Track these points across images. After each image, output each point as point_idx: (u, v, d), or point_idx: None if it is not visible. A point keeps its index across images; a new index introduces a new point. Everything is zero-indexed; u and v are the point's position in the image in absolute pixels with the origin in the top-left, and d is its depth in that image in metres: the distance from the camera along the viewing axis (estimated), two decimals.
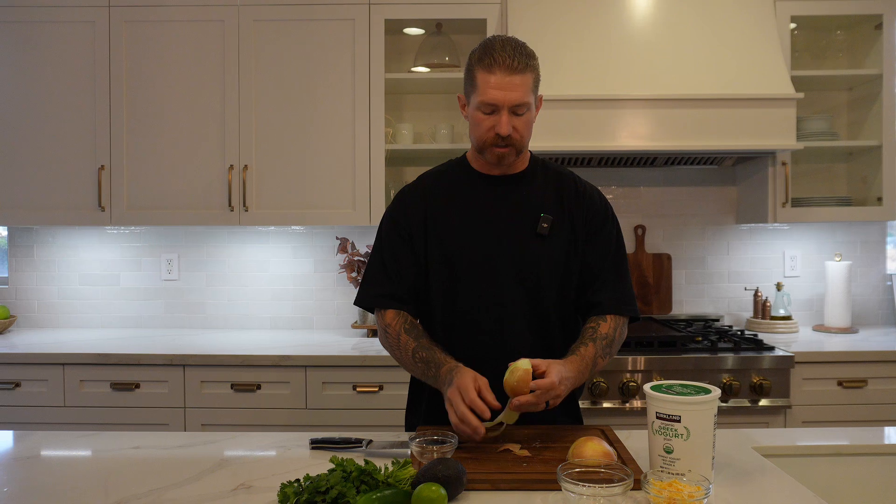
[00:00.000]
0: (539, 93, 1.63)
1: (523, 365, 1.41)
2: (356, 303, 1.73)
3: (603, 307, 1.65)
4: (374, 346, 2.76)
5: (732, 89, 2.67)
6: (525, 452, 1.40)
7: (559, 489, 1.17)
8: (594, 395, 2.53)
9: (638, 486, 1.18)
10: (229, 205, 2.90)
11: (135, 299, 3.29)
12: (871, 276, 3.28)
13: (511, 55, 1.52)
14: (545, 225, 1.63)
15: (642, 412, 2.51)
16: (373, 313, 1.75)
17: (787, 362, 2.57)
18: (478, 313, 1.64)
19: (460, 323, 1.66)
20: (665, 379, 1.94)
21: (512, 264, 1.63)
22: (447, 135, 3.07)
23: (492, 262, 1.64)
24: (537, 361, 1.44)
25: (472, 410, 1.39)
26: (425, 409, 1.73)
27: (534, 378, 1.41)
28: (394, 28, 3.05)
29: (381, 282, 1.68)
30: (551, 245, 1.64)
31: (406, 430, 1.79)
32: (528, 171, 1.71)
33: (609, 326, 1.62)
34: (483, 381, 1.44)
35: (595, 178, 3.14)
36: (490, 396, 1.41)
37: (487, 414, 1.40)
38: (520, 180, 1.69)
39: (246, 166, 2.90)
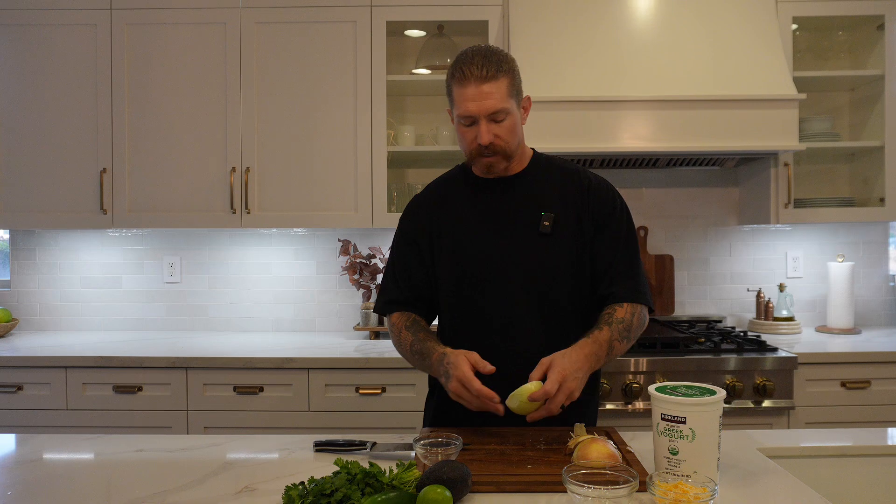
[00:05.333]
0: (525, 93, 1.65)
1: (527, 390, 1.41)
2: (374, 310, 1.82)
3: (618, 297, 1.63)
4: (377, 349, 2.75)
5: (734, 90, 2.67)
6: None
7: (564, 491, 1.17)
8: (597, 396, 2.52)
9: (643, 487, 1.17)
10: (231, 207, 2.90)
11: (137, 302, 3.29)
12: (874, 276, 3.27)
13: (480, 65, 1.54)
14: (547, 223, 1.63)
15: (645, 414, 2.51)
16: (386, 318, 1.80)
17: (791, 363, 2.56)
18: (488, 317, 1.65)
19: (472, 327, 1.66)
20: (668, 380, 1.94)
21: (518, 266, 1.63)
22: (449, 136, 3.07)
23: (498, 265, 1.64)
24: (537, 371, 1.44)
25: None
26: (436, 402, 1.75)
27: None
28: (395, 30, 3.05)
29: (390, 289, 1.75)
30: (557, 243, 1.64)
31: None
32: (528, 171, 1.71)
33: (626, 311, 1.61)
34: (474, 357, 1.48)
35: None
36: (486, 366, 1.46)
37: (496, 399, 1.42)
38: (519, 181, 1.69)
39: (248, 169, 2.90)
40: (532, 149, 1.76)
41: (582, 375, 1.45)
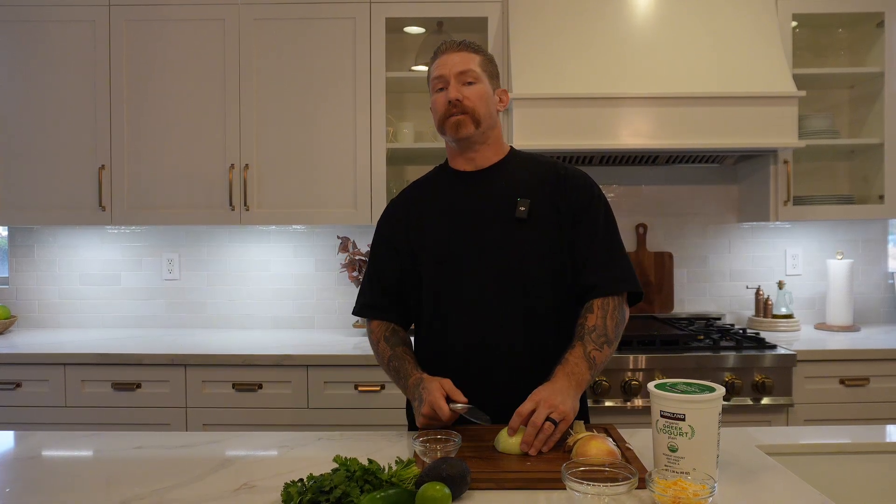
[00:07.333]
0: (502, 87, 1.74)
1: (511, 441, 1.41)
2: (353, 312, 1.82)
3: (594, 291, 1.62)
4: None
5: (734, 87, 2.67)
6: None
7: (564, 488, 1.17)
8: (596, 393, 2.53)
9: (642, 484, 1.17)
10: (230, 204, 2.89)
11: (136, 299, 3.29)
12: (873, 274, 3.27)
13: (452, 42, 1.68)
14: (522, 208, 1.63)
15: (644, 411, 2.51)
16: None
17: (790, 361, 2.56)
18: (467, 309, 1.64)
19: (451, 321, 1.66)
20: (667, 378, 1.94)
21: (495, 254, 1.63)
22: None
23: (476, 255, 1.63)
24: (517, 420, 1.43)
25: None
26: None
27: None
28: (395, 27, 3.04)
29: (366, 292, 1.78)
30: (533, 230, 1.63)
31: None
32: (504, 162, 1.71)
33: (596, 316, 1.59)
34: (448, 385, 1.51)
35: (597, 176, 3.11)
36: (459, 395, 1.50)
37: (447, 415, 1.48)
38: (495, 171, 1.70)
39: (247, 165, 2.90)
40: (510, 146, 1.76)
41: (566, 392, 1.45)
